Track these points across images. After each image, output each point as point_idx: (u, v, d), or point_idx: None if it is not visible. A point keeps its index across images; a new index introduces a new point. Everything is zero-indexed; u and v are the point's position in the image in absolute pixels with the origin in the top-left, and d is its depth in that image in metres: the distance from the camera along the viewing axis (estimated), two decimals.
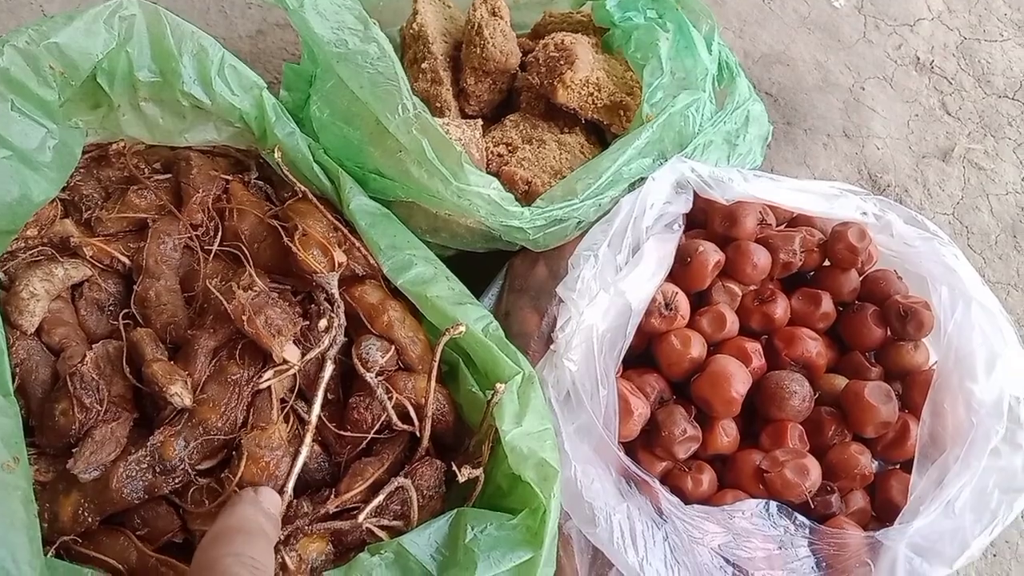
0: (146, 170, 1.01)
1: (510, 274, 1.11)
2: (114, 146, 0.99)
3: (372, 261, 0.95)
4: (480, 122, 1.13)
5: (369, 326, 0.92)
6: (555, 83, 1.13)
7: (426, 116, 0.96)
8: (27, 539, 0.65)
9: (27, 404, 0.81)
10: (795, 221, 1.16)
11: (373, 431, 0.85)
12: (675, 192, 1.04)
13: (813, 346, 1.04)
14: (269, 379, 0.84)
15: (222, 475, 0.80)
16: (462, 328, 0.88)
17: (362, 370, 0.87)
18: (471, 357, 0.94)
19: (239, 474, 0.77)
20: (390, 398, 0.86)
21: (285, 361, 0.84)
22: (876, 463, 1.04)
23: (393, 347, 0.91)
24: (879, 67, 1.74)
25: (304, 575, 0.77)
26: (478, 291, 1.07)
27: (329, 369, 0.87)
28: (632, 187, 1.06)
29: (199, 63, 0.95)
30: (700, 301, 1.08)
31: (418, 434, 0.88)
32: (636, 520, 0.87)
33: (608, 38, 1.23)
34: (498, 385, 0.85)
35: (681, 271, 1.04)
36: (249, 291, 0.85)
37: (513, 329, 1.03)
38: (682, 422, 0.97)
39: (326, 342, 0.87)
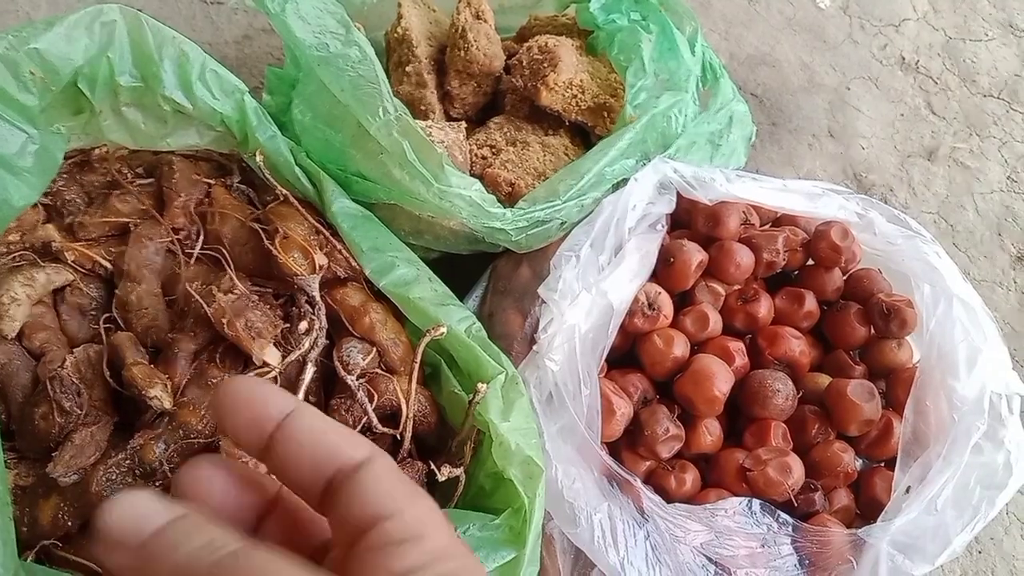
0: (129, 175, 1.01)
1: (494, 276, 1.12)
2: (96, 151, 0.99)
3: (354, 263, 0.95)
4: (464, 124, 1.13)
5: (351, 328, 0.92)
6: (539, 85, 1.13)
7: (407, 119, 0.96)
8: (1, 542, 0.65)
9: (7, 408, 0.82)
10: (779, 221, 1.17)
11: (356, 431, 0.85)
12: (658, 193, 1.05)
13: (796, 345, 1.04)
14: None
15: None
16: (443, 329, 0.88)
17: (343, 372, 0.87)
18: (454, 358, 0.94)
19: None
20: (371, 400, 0.86)
21: (265, 364, 0.84)
22: (860, 461, 1.05)
23: (375, 349, 0.91)
24: (864, 67, 1.75)
25: None
26: (462, 293, 1.07)
27: (310, 372, 0.87)
28: (616, 188, 1.06)
29: (180, 68, 0.95)
30: (683, 301, 1.08)
31: (399, 436, 0.88)
32: (617, 519, 0.87)
33: (592, 40, 1.23)
34: (480, 385, 0.85)
35: (664, 271, 1.04)
36: (229, 294, 0.85)
37: (496, 330, 1.03)
38: (665, 421, 0.97)
39: (307, 344, 0.87)
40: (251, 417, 0.36)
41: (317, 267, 0.91)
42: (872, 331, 1.08)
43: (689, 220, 1.11)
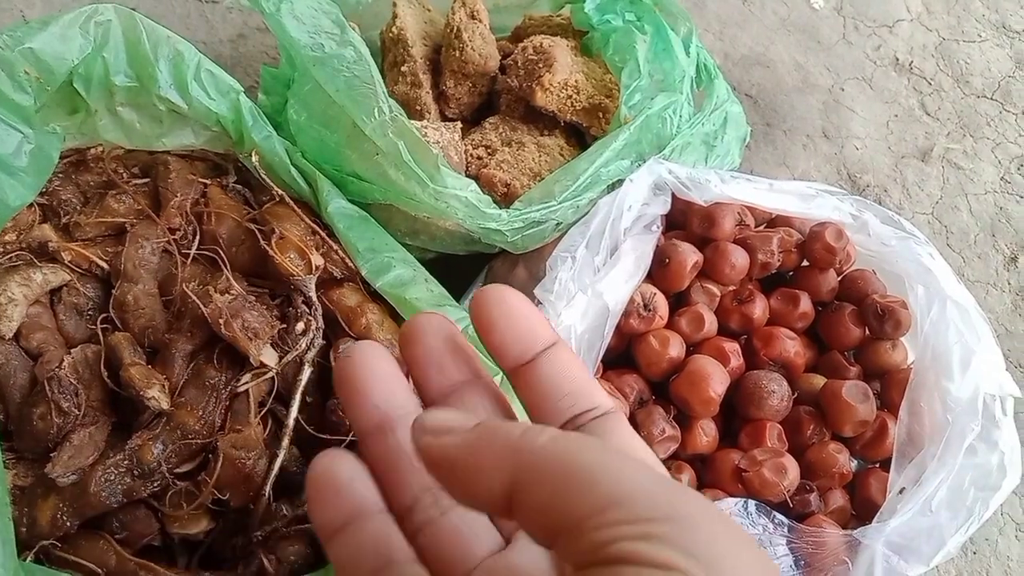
0: (124, 175, 1.00)
1: (490, 276, 1.12)
2: (92, 151, 0.99)
3: (350, 264, 0.95)
4: (459, 125, 1.14)
5: (347, 329, 0.92)
6: (534, 86, 1.13)
7: (402, 119, 0.96)
8: (0, 542, 0.65)
9: (5, 409, 0.81)
10: (774, 222, 1.17)
11: (351, 434, 0.85)
12: (653, 193, 1.05)
13: (791, 346, 1.04)
14: (247, 382, 0.84)
15: (199, 478, 0.80)
16: None
17: None
18: None
19: (215, 476, 0.78)
20: None
21: (263, 364, 0.84)
22: (856, 462, 1.05)
23: None
24: (858, 68, 1.75)
25: None
26: (459, 293, 1.07)
27: (307, 372, 0.87)
28: (611, 189, 1.06)
29: (175, 67, 0.95)
30: (678, 302, 1.08)
31: None
32: None
33: (587, 41, 1.24)
34: None
35: (659, 272, 1.04)
36: (226, 295, 0.85)
37: None
38: (661, 422, 0.97)
39: (303, 345, 0.87)
40: (523, 333, 0.38)
41: (313, 267, 0.91)
42: (867, 332, 1.08)
43: (684, 221, 1.11)
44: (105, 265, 0.93)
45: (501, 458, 0.31)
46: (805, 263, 1.13)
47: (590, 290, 0.96)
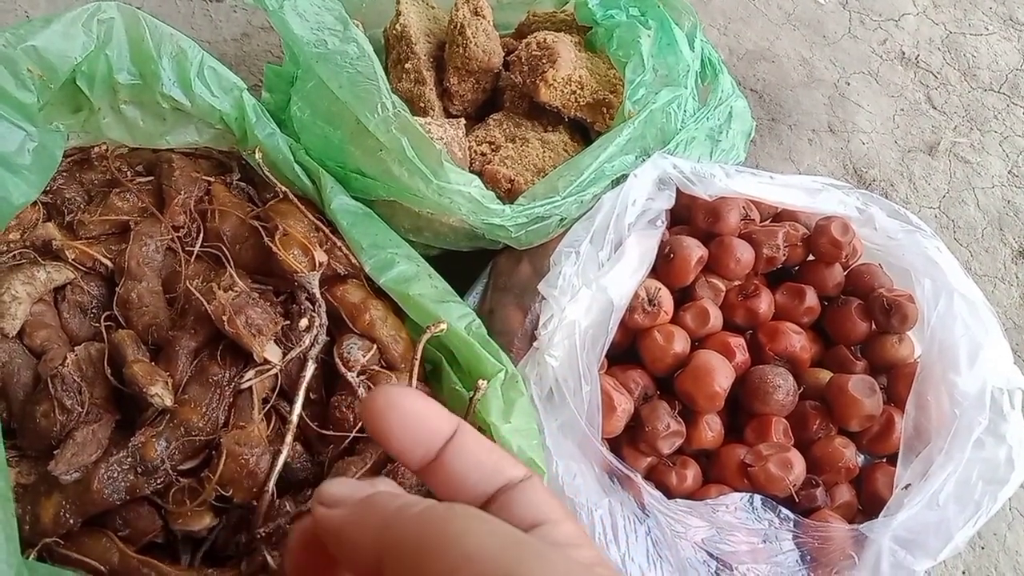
0: (128, 173, 1.01)
1: (494, 272, 1.11)
2: (96, 149, 0.99)
3: (354, 260, 0.95)
4: (463, 121, 1.13)
5: (351, 325, 0.92)
6: (538, 82, 1.13)
7: (406, 115, 0.96)
8: (4, 538, 0.65)
9: (8, 406, 0.81)
10: (779, 216, 1.16)
11: (355, 430, 0.85)
12: (658, 188, 1.04)
13: (797, 340, 1.04)
14: (250, 379, 0.84)
15: (202, 475, 0.80)
16: (443, 326, 0.88)
17: (343, 369, 0.87)
18: (454, 355, 0.94)
19: (218, 472, 0.78)
20: None
21: (266, 361, 0.83)
22: (862, 457, 1.05)
23: (375, 346, 0.91)
24: (864, 62, 1.75)
25: None
26: (462, 290, 1.07)
27: (311, 368, 0.87)
28: (615, 184, 1.06)
29: (178, 65, 0.95)
30: (683, 297, 1.08)
31: None
32: (618, 515, 0.87)
33: (591, 36, 1.23)
34: (480, 382, 0.85)
35: (664, 267, 1.04)
36: (230, 291, 0.85)
37: (497, 327, 1.03)
38: (666, 417, 0.97)
39: (307, 341, 0.87)
40: (422, 433, 0.37)
41: (317, 264, 0.91)
42: (873, 326, 1.08)
43: (689, 216, 1.11)
44: (109, 263, 0.94)
45: (372, 533, 0.33)
46: (811, 257, 1.13)
47: (594, 285, 0.95)
